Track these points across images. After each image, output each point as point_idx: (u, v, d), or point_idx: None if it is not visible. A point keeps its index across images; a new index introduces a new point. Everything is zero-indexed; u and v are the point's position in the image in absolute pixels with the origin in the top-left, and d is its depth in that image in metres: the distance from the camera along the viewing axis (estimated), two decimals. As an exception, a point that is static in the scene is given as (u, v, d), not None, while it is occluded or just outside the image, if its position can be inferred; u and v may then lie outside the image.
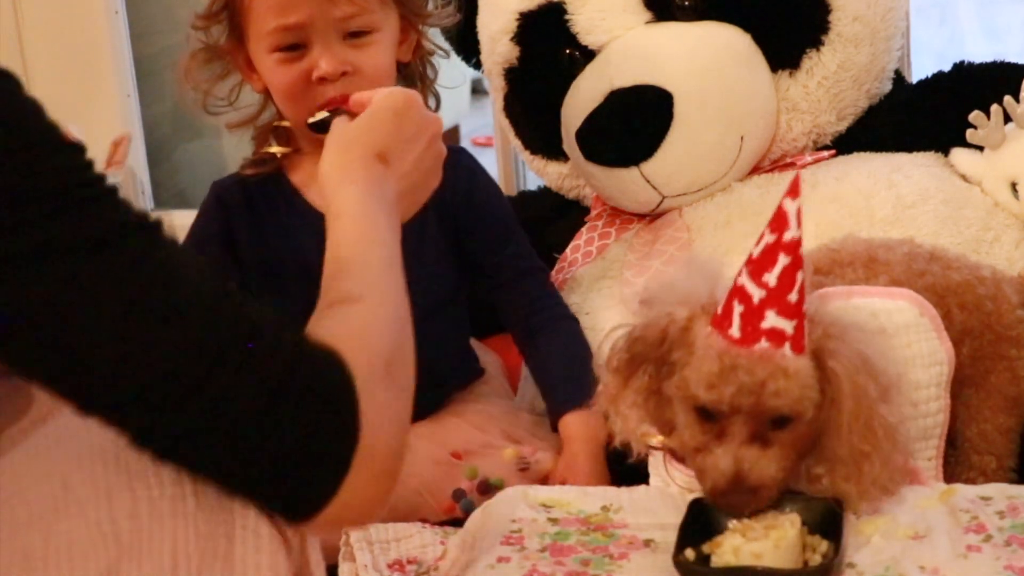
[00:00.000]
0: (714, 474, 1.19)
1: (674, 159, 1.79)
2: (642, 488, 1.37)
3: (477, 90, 4.20)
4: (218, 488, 0.93)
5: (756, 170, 1.86)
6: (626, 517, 1.29)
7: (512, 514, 1.30)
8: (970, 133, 1.76)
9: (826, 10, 1.83)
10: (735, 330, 1.16)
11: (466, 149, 1.87)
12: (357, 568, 1.37)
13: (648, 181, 1.81)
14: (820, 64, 1.84)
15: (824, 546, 1.18)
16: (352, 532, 1.42)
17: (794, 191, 1.16)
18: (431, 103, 1.76)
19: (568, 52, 1.89)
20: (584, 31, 1.87)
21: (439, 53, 1.76)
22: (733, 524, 1.21)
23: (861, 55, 1.85)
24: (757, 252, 1.17)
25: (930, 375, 1.35)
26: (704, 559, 1.18)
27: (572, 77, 1.89)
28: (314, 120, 1.48)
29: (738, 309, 1.16)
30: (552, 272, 1.92)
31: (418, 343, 1.68)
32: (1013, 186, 1.73)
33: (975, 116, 1.75)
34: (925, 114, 1.87)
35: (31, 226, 0.86)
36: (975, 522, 1.22)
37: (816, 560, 1.17)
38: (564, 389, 1.67)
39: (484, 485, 1.60)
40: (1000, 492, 1.28)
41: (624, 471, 1.47)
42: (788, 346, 1.16)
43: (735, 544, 1.17)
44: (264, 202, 1.71)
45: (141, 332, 0.88)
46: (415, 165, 1.23)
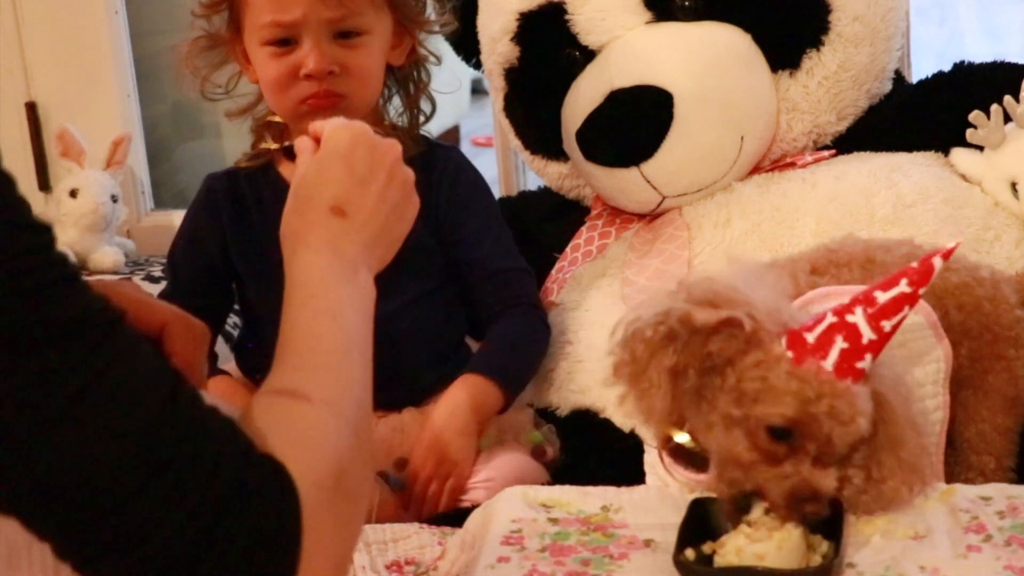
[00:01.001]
0: (796, 480, 1.18)
1: (674, 159, 1.79)
2: (642, 488, 1.37)
3: (477, 90, 4.20)
4: None
5: (756, 170, 1.86)
6: (626, 517, 1.29)
7: (512, 514, 1.30)
8: (970, 133, 1.76)
9: (826, 10, 1.83)
10: (830, 363, 1.17)
11: (457, 148, 1.89)
12: (355, 569, 1.37)
13: (648, 181, 1.81)
14: (820, 64, 1.84)
15: (825, 546, 1.18)
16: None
17: (948, 255, 1.18)
18: (426, 108, 1.78)
19: (568, 52, 1.89)
20: (584, 31, 1.87)
21: (431, 60, 1.78)
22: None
23: (861, 55, 1.85)
24: (885, 298, 1.17)
25: (927, 373, 1.35)
26: (704, 559, 1.18)
27: (572, 77, 1.89)
28: (286, 145, 1.46)
29: (841, 345, 1.16)
30: (552, 271, 1.92)
31: (405, 330, 1.70)
32: (1013, 186, 1.73)
33: (975, 116, 1.75)
34: (925, 114, 1.87)
35: None
36: (975, 522, 1.22)
37: (816, 560, 1.17)
38: (488, 354, 1.70)
39: (540, 450, 1.68)
40: (1000, 492, 1.28)
41: (625, 471, 1.47)
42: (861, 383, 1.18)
43: (738, 544, 1.17)
44: (251, 193, 1.75)
45: (73, 440, 0.81)
46: (377, 206, 1.11)
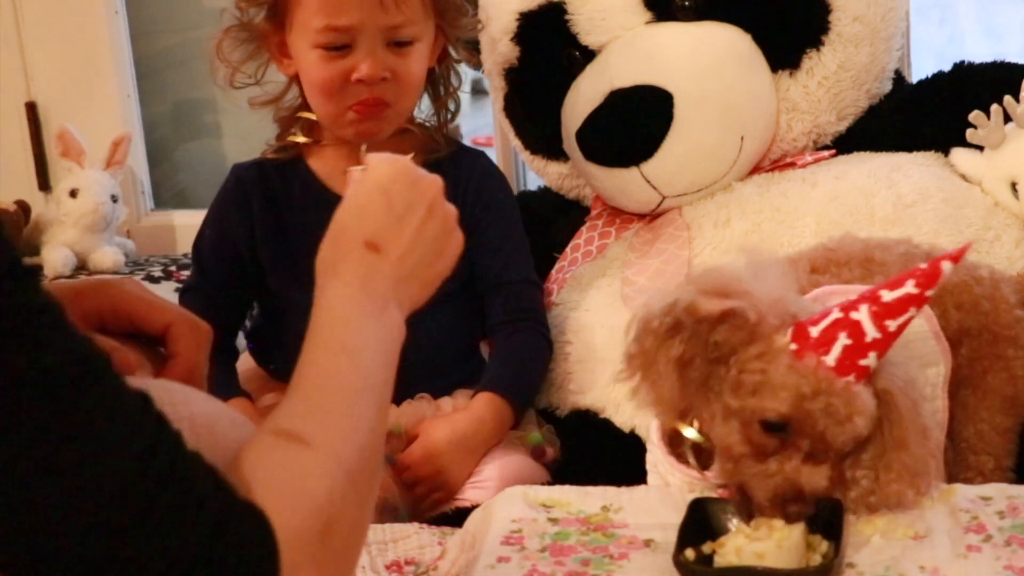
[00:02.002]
0: (779, 479, 1.19)
1: (674, 159, 1.79)
2: (642, 488, 1.37)
3: (477, 90, 4.19)
4: None
5: (756, 170, 1.86)
6: (626, 517, 1.29)
7: (512, 514, 1.30)
8: (970, 133, 1.76)
9: (826, 10, 1.83)
10: (831, 359, 1.17)
11: (485, 153, 1.89)
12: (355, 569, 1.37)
13: (648, 181, 1.80)
14: (820, 64, 1.84)
15: (824, 546, 1.18)
16: (352, 532, 1.42)
17: (957, 257, 1.17)
18: (451, 106, 1.78)
19: (568, 52, 1.89)
20: (584, 31, 1.87)
21: (469, 63, 1.79)
22: (736, 525, 1.22)
23: (861, 55, 1.84)
24: (891, 298, 1.17)
25: (927, 375, 1.35)
26: (704, 559, 1.18)
27: (572, 77, 1.89)
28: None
29: (844, 341, 1.16)
30: (552, 271, 1.92)
31: (423, 332, 1.70)
32: (1013, 186, 1.73)
33: (975, 116, 1.75)
34: (925, 114, 1.87)
35: None
36: (975, 522, 1.22)
37: (816, 560, 1.17)
38: (501, 372, 1.71)
39: (539, 450, 1.68)
40: (1000, 492, 1.28)
41: (625, 471, 1.47)
42: (864, 382, 1.18)
43: (738, 544, 1.17)
44: (281, 185, 1.75)
45: (50, 491, 0.80)
46: (413, 243, 1.09)
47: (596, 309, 1.80)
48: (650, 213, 1.88)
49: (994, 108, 1.73)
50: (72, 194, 2.35)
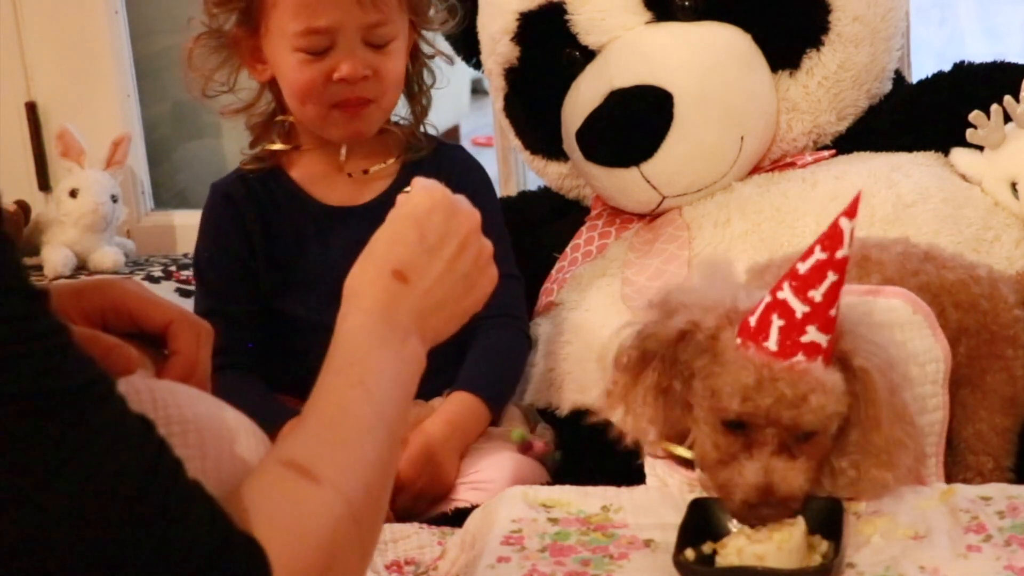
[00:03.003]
0: (744, 487, 1.18)
1: (674, 159, 1.79)
2: (642, 488, 1.37)
3: (477, 90, 4.20)
4: None
5: (756, 170, 1.86)
6: (626, 517, 1.29)
7: (512, 514, 1.30)
8: (970, 133, 1.76)
9: (826, 10, 1.83)
10: (772, 343, 1.16)
11: (463, 147, 1.89)
12: (356, 568, 1.37)
13: (648, 181, 1.80)
14: (820, 64, 1.84)
15: (824, 546, 1.18)
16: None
17: (851, 211, 1.16)
18: (423, 101, 1.78)
19: (568, 52, 1.89)
20: (584, 31, 1.87)
21: (442, 58, 1.78)
22: (736, 525, 1.22)
23: (861, 55, 1.85)
24: (805, 268, 1.16)
25: (926, 373, 1.35)
26: (704, 559, 1.18)
27: (572, 77, 1.89)
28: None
29: (777, 323, 1.16)
30: (552, 271, 1.92)
31: None
32: (1013, 186, 1.73)
33: (975, 116, 1.75)
34: (925, 114, 1.87)
35: None
36: (975, 522, 1.22)
37: (816, 560, 1.17)
38: (477, 372, 1.70)
39: (525, 445, 1.67)
40: (1000, 492, 1.28)
41: (625, 471, 1.47)
42: (820, 359, 1.17)
43: (739, 545, 1.17)
44: (267, 198, 1.74)
45: (46, 516, 0.79)
46: (443, 275, 1.08)
47: (596, 309, 1.80)
48: (650, 213, 1.88)
49: (994, 108, 1.73)
50: (72, 194, 2.35)
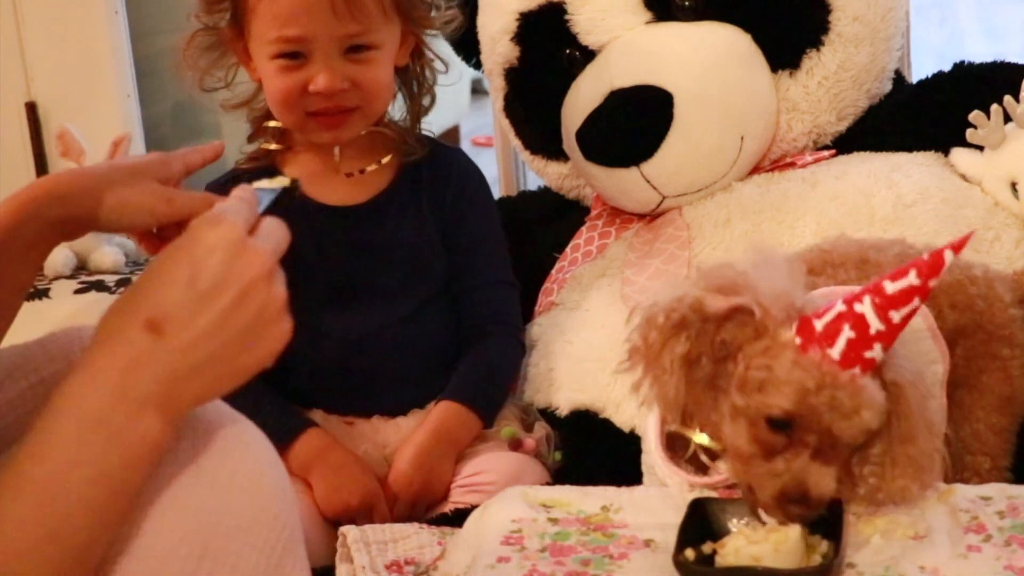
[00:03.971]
0: (785, 479, 1.18)
1: (674, 159, 1.79)
2: (642, 488, 1.37)
3: (477, 90, 4.20)
4: None
5: (756, 170, 1.86)
6: (626, 517, 1.29)
7: (512, 514, 1.30)
8: (970, 133, 1.76)
9: (826, 10, 1.83)
10: (837, 352, 1.16)
11: (462, 150, 1.88)
12: (355, 569, 1.37)
13: (648, 181, 1.80)
14: (820, 64, 1.84)
15: (824, 546, 1.18)
16: (349, 532, 1.42)
17: (959, 246, 1.17)
18: (425, 102, 1.77)
19: (568, 52, 1.89)
20: (584, 31, 1.87)
21: (437, 64, 1.77)
22: (736, 525, 1.22)
23: (861, 55, 1.84)
24: (894, 289, 1.17)
25: (928, 374, 1.35)
26: (704, 559, 1.18)
27: (572, 77, 1.89)
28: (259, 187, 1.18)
29: (848, 334, 1.16)
30: (552, 271, 1.92)
31: (418, 333, 1.70)
32: (1013, 186, 1.73)
33: (975, 116, 1.75)
34: (925, 114, 1.87)
35: None
36: (975, 522, 1.22)
37: (816, 560, 1.17)
38: (463, 381, 1.70)
39: (516, 442, 1.66)
40: (1000, 492, 1.28)
41: (625, 471, 1.47)
42: (870, 374, 1.17)
43: (737, 545, 1.17)
44: None
45: None
46: (212, 330, 0.89)
47: (596, 309, 1.80)
48: (650, 213, 1.88)
49: (994, 108, 1.73)
50: (72, 194, 2.35)
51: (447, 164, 1.76)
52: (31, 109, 2.52)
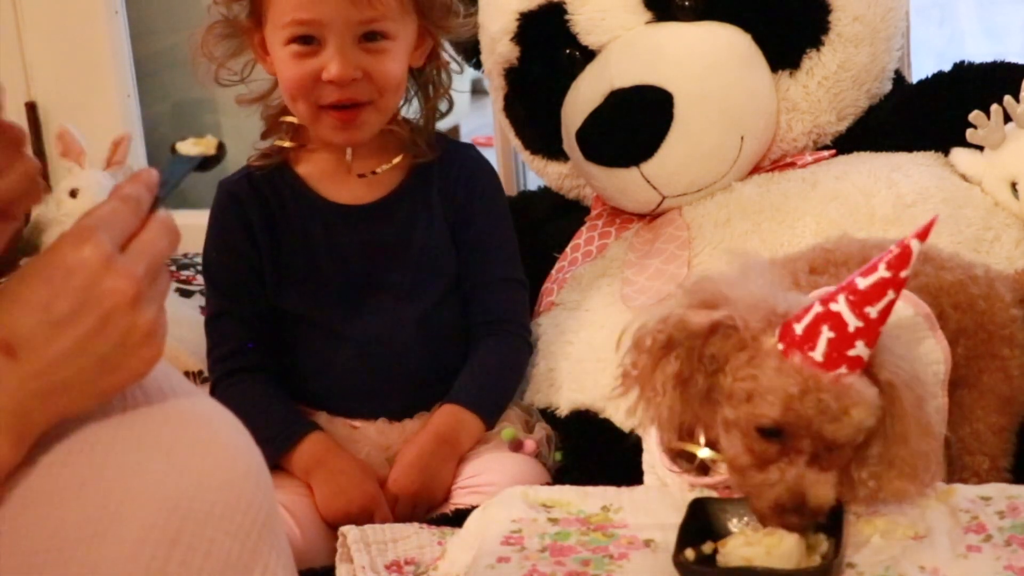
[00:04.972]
0: (780, 489, 1.18)
1: (674, 159, 1.79)
2: (642, 488, 1.37)
3: (477, 90, 4.19)
4: None
5: (756, 170, 1.86)
6: (626, 517, 1.29)
7: (512, 514, 1.30)
8: (970, 133, 1.76)
9: (826, 10, 1.83)
10: (819, 354, 1.16)
11: (474, 146, 1.88)
12: (355, 569, 1.37)
13: (648, 181, 1.80)
14: (820, 64, 1.84)
15: (825, 546, 1.18)
16: (349, 532, 1.42)
17: (923, 235, 1.16)
18: (443, 106, 1.76)
19: (568, 52, 1.89)
20: (584, 31, 1.87)
21: (453, 67, 1.77)
22: (736, 526, 1.22)
23: (861, 55, 1.85)
24: (866, 285, 1.16)
25: (927, 375, 1.35)
26: (704, 559, 1.18)
27: (572, 77, 1.89)
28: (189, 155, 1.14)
29: (827, 335, 1.16)
30: (552, 271, 1.92)
31: (428, 332, 1.70)
32: (1013, 185, 1.73)
33: (975, 116, 1.75)
34: (925, 114, 1.87)
35: None
36: (975, 522, 1.22)
37: (816, 560, 1.17)
38: (468, 384, 1.70)
39: (516, 443, 1.66)
40: (1000, 492, 1.28)
41: (625, 471, 1.47)
42: (859, 371, 1.17)
43: (738, 545, 1.17)
44: (272, 194, 1.72)
45: None
46: (68, 356, 0.86)
47: (596, 309, 1.80)
48: (650, 213, 1.88)
49: (994, 108, 1.73)
50: (72, 194, 2.35)
51: (458, 161, 1.76)
52: (31, 109, 2.52)
